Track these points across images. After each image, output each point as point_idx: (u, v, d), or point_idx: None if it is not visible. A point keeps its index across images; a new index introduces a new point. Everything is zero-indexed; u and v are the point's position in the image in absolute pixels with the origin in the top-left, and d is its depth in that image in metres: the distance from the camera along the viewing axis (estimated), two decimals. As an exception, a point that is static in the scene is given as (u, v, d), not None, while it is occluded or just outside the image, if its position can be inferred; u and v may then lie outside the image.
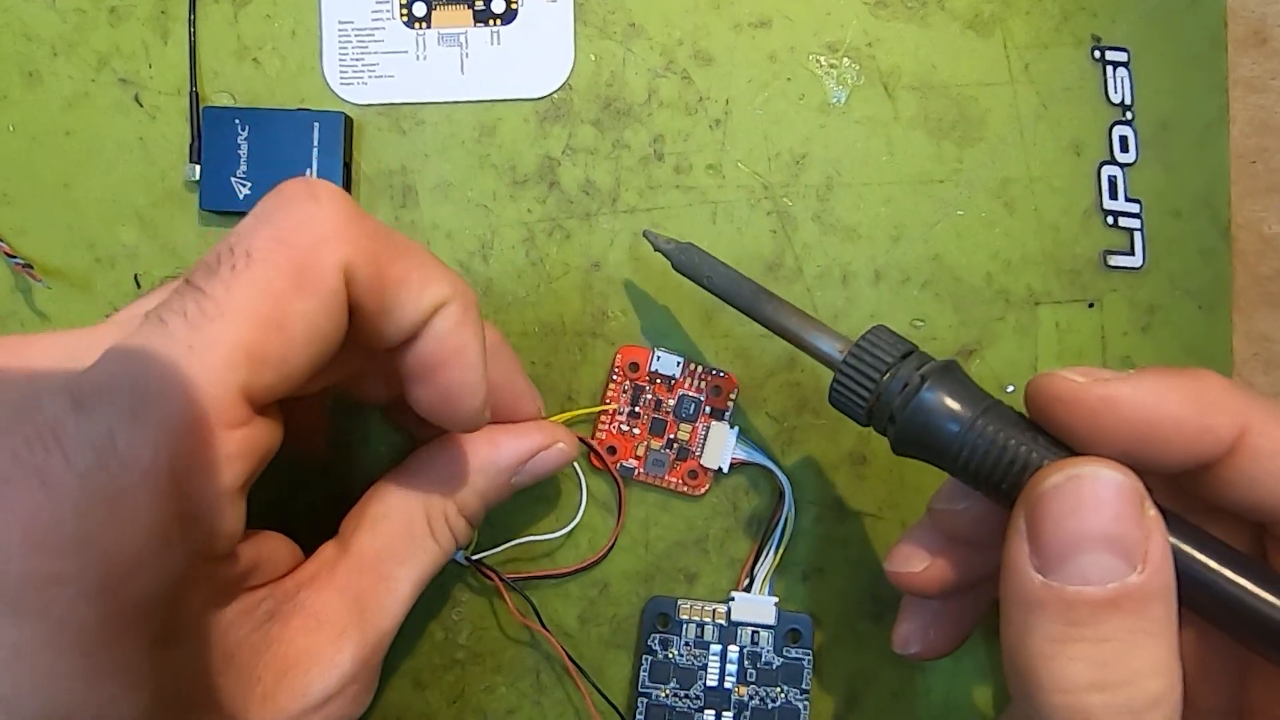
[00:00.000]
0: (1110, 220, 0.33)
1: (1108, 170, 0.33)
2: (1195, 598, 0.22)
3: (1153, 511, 0.21)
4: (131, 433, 0.19)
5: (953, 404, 0.23)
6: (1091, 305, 0.33)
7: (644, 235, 0.30)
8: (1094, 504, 0.20)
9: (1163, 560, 0.20)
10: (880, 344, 0.25)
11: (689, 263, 0.29)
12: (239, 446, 0.20)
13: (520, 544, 0.32)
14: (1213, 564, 0.21)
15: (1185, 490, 0.23)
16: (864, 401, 0.25)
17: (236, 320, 0.20)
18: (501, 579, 0.32)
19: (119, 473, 0.19)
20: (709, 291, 0.28)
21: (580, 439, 0.32)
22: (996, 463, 0.23)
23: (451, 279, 0.23)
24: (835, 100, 0.33)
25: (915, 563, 0.27)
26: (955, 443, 0.23)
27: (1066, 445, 0.23)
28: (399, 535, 0.26)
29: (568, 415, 0.33)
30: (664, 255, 0.29)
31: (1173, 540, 0.21)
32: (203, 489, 0.20)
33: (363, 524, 0.27)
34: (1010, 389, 0.34)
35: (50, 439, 0.19)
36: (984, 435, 0.23)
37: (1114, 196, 0.33)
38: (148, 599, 0.19)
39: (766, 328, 0.28)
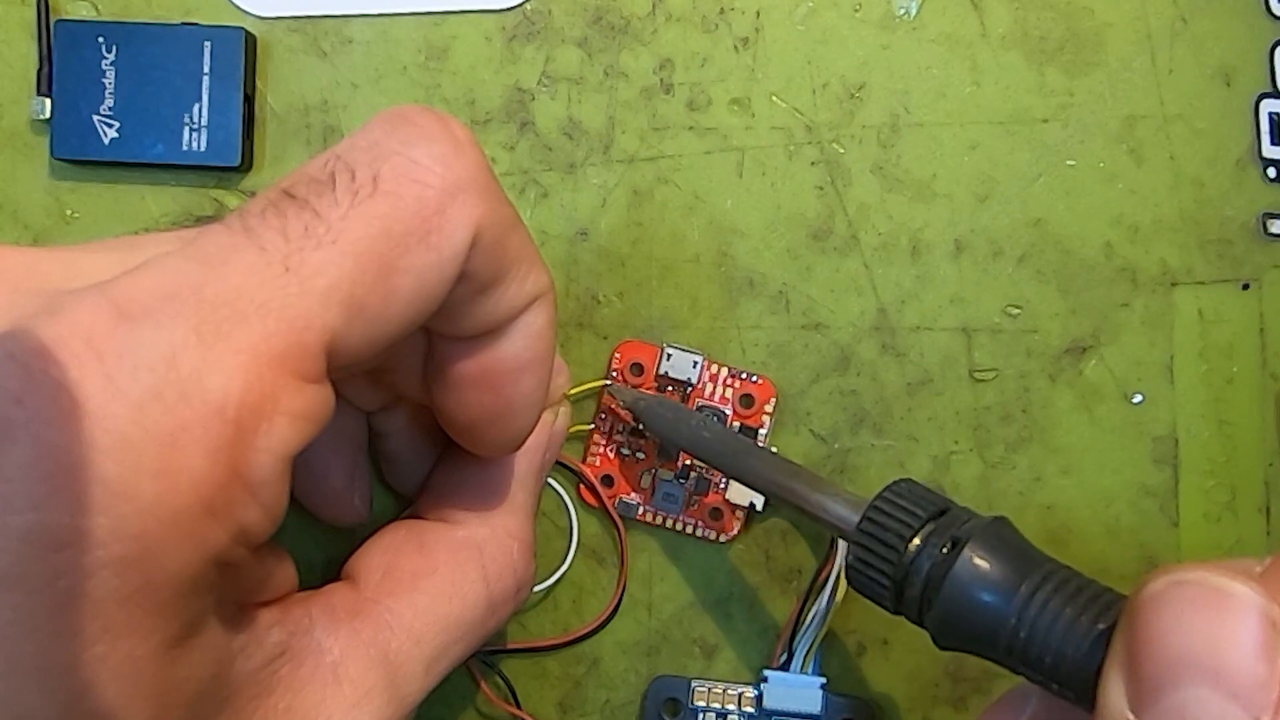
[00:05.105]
0: (1272, 173, 0.31)
1: (1269, 106, 0.31)
2: None
3: None
4: (201, 357, 0.18)
5: (1002, 573, 0.22)
6: (1247, 287, 0.31)
7: (605, 390, 0.31)
8: (1201, 620, 0.18)
9: None
10: (903, 503, 0.24)
11: (660, 418, 0.29)
12: (307, 406, 0.20)
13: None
14: None
15: None
16: (886, 579, 0.23)
17: (350, 253, 0.20)
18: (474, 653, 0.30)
19: (177, 406, 0.18)
20: (691, 455, 0.30)
21: (566, 464, 0.31)
22: (1064, 642, 0.21)
23: (545, 266, 0.24)
24: (902, 11, 0.32)
25: None
26: (1010, 623, 0.21)
27: None
28: (446, 599, 0.26)
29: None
30: (630, 413, 0.30)
31: None
32: (264, 446, 0.19)
33: (398, 582, 0.26)
34: (1138, 399, 0.31)
35: (87, 353, 0.18)
36: (1047, 610, 0.21)
37: (1277, 142, 0.31)
38: (181, 581, 0.18)
39: (764, 493, 0.28)
